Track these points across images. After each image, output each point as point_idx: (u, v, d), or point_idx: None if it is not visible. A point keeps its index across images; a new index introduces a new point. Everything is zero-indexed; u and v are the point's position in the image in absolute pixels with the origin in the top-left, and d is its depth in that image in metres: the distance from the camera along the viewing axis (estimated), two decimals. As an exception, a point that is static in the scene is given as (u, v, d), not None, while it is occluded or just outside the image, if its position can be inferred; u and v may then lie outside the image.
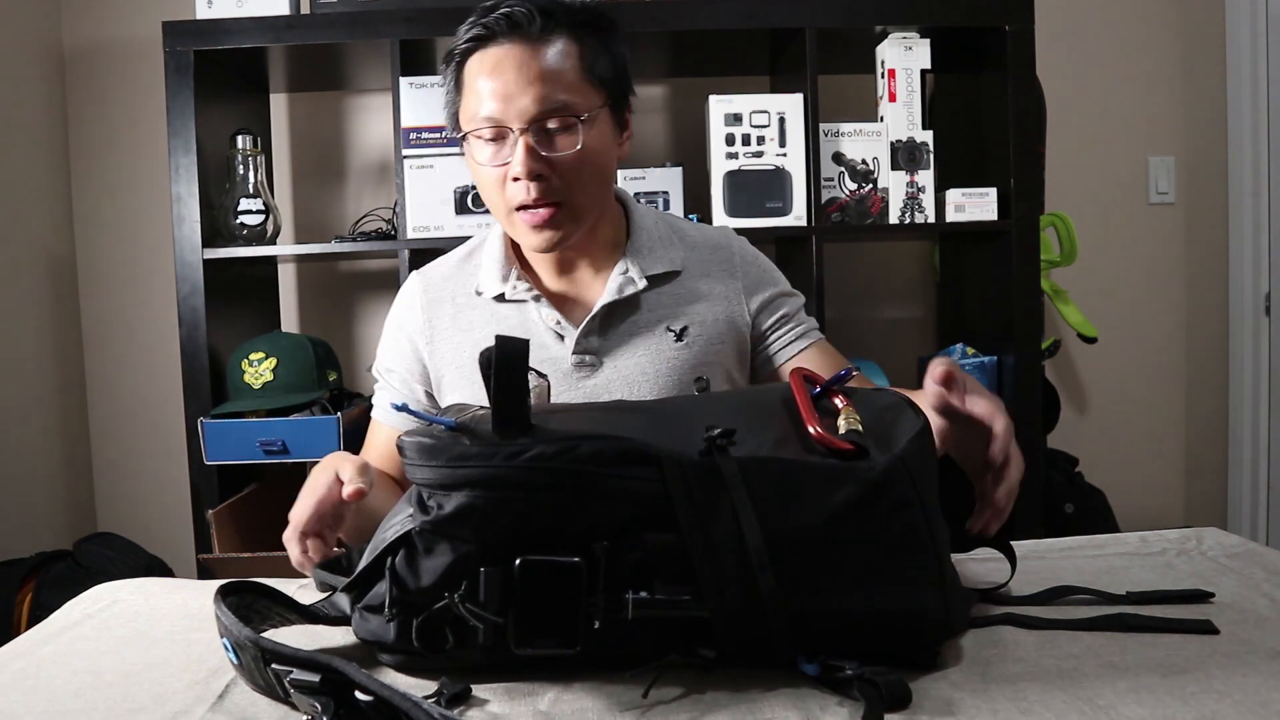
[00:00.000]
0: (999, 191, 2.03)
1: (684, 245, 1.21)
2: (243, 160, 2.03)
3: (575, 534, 0.65)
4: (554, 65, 1.05)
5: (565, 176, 1.06)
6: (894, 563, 0.67)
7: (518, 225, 1.09)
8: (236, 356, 1.94)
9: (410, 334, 1.20)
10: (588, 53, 1.07)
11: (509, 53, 1.04)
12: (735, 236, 1.26)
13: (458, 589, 0.65)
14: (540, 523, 0.64)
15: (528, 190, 1.05)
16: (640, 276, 1.15)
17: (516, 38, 1.04)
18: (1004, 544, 0.84)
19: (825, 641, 0.66)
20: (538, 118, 1.04)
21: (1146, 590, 0.81)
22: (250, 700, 0.68)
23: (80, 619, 0.88)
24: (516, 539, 0.64)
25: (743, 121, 2.01)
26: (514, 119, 1.04)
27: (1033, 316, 2.03)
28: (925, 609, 0.67)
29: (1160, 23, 2.56)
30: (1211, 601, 0.79)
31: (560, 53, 1.05)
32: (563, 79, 1.05)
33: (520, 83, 1.03)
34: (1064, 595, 0.81)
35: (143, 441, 2.47)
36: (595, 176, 1.09)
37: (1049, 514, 2.20)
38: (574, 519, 0.65)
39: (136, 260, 2.45)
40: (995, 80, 2.06)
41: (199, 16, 1.99)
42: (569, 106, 1.05)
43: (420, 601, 0.67)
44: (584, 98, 1.06)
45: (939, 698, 0.63)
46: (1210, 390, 2.60)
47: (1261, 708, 0.60)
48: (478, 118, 1.06)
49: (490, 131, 1.06)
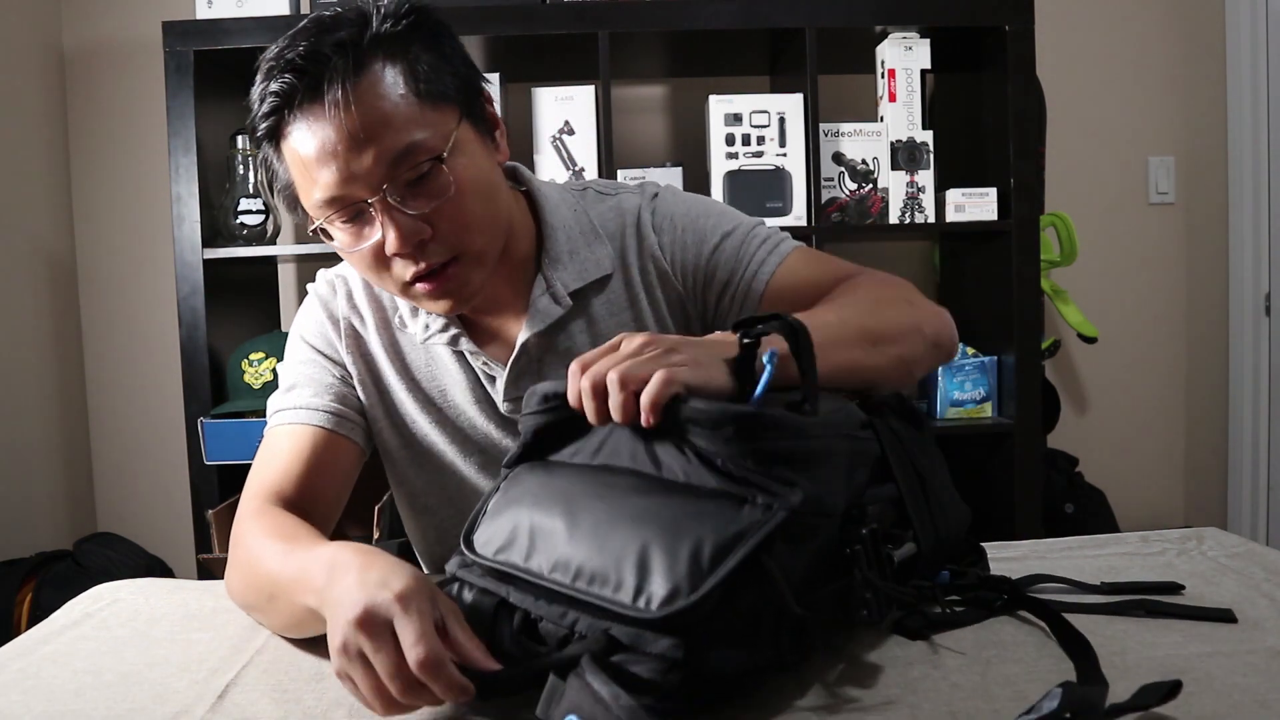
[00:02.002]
0: (999, 191, 2.03)
1: (606, 236, 1.01)
2: (243, 160, 2.03)
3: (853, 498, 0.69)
4: (382, 107, 0.83)
5: (450, 226, 0.86)
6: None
7: (416, 297, 0.91)
8: (236, 356, 1.95)
9: (332, 340, 1.03)
10: (415, 69, 0.85)
11: (320, 114, 0.82)
12: (640, 201, 1.03)
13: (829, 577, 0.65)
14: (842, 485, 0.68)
15: (415, 262, 0.86)
16: (563, 294, 0.97)
17: (321, 92, 0.82)
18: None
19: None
20: (388, 176, 0.83)
21: (1128, 582, 0.82)
22: (250, 700, 0.68)
23: (80, 618, 0.88)
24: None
25: (743, 121, 2.01)
26: (362, 190, 0.83)
27: (1033, 316, 2.04)
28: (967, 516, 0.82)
29: (1160, 23, 2.56)
30: (1183, 593, 0.81)
31: (384, 87, 0.83)
32: (399, 117, 0.83)
33: (350, 145, 0.82)
34: (1038, 584, 0.82)
35: (143, 441, 2.47)
36: (483, 209, 0.89)
37: (1049, 514, 2.20)
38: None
39: (136, 260, 2.45)
40: (995, 80, 2.06)
41: (199, 16, 1.99)
42: (420, 147, 0.84)
43: (784, 604, 0.60)
44: (433, 127, 0.85)
45: (939, 697, 0.63)
46: (1210, 390, 2.60)
47: (1261, 708, 0.59)
48: (319, 203, 0.85)
49: (342, 214, 0.85)
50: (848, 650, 0.70)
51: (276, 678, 0.72)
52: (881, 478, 0.74)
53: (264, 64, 0.84)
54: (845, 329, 0.82)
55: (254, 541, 0.86)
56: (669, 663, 0.57)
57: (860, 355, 0.82)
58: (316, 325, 1.03)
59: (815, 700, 0.63)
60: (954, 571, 0.80)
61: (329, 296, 1.04)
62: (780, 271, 0.97)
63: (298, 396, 0.99)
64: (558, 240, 0.98)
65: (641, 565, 0.59)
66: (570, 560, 0.62)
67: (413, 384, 1.01)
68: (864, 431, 0.74)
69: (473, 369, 1.00)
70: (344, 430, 0.99)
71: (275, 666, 0.74)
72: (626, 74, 2.32)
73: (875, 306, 0.89)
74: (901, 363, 0.86)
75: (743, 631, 0.59)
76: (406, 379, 1.01)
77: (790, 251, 0.99)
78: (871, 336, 0.84)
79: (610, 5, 1.99)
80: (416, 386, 1.02)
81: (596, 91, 2.01)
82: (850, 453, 0.70)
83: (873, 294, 0.92)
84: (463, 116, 0.88)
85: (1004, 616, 0.77)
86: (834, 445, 0.68)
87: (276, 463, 0.95)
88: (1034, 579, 0.82)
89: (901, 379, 0.87)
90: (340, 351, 1.02)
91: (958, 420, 2.08)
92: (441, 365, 1.01)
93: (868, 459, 0.72)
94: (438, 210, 0.85)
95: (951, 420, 2.08)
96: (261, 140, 0.87)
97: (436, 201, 0.85)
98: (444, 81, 0.87)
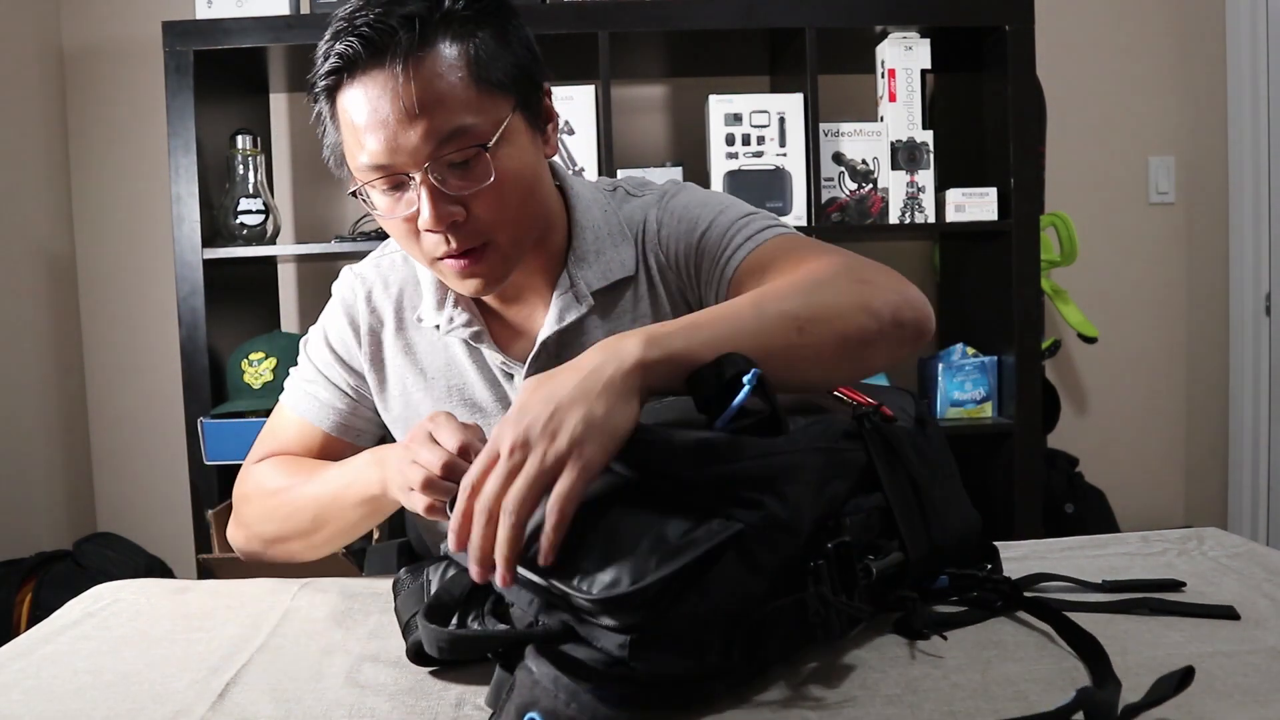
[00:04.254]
0: (999, 191, 2.03)
1: (631, 237, 1.02)
2: (243, 160, 2.03)
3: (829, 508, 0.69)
4: (439, 86, 0.84)
5: (485, 213, 0.88)
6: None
7: (444, 272, 0.93)
8: (236, 356, 1.95)
9: (352, 338, 1.06)
10: (479, 55, 0.86)
11: (379, 82, 0.83)
12: (657, 199, 1.03)
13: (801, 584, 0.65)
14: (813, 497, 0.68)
15: (446, 240, 0.88)
16: (586, 293, 0.98)
17: (384, 61, 0.83)
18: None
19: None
20: (434, 155, 0.84)
21: (1129, 580, 0.82)
22: (250, 700, 0.68)
23: (80, 618, 0.88)
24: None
25: (743, 121, 2.01)
26: (406, 163, 0.85)
27: (1033, 316, 2.04)
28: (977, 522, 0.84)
29: (1160, 23, 2.56)
30: (1183, 591, 0.81)
31: (444, 66, 0.84)
32: (454, 99, 0.84)
33: (402, 118, 0.83)
34: (1040, 582, 0.82)
35: (143, 441, 2.47)
36: (521, 201, 0.90)
37: (1049, 514, 2.20)
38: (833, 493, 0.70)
39: (136, 260, 2.45)
40: (995, 80, 2.06)
41: (199, 16, 1.99)
42: (469, 131, 0.85)
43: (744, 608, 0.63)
44: (486, 114, 0.86)
45: (939, 697, 0.63)
46: (1210, 390, 2.59)
47: (1262, 708, 0.59)
48: (364, 167, 0.87)
49: (383, 182, 0.87)
50: (847, 649, 0.70)
51: (276, 678, 0.72)
52: (869, 487, 0.73)
53: (333, 22, 0.86)
54: (763, 315, 0.75)
55: (273, 483, 1.01)
56: (613, 659, 0.59)
57: (787, 339, 0.74)
58: (339, 331, 1.07)
59: (815, 700, 0.63)
60: (954, 575, 0.80)
61: (351, 300, 1.07)
62: (750, 256, 0.93)
63: (315, 392, 1.07)
64: (585, 239, 0.99)
65: (603, 559, 0.59)
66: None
67: (431, 380, 1.04)
68: (846, 443, 0.73)
69: (489, 366, 1.02)
70: (348, 437, 1.07)
71: (275, 666, 0.74)
72: (626, 74, 2.32)
73: (812, 287, 0.80)
74: (845, 343, 0.77)
75: (688, 638, 0.60)
76: (424, 376, 1.04)
77: (771, 237, 0.94)
78: (799, 319, 0.75)
79: (610, 5, 1.99)
80: (435, 382, 1.04)
81: (596, 91, 2.01)
82: (824, 465, 0.69)
83: (815, 274, 0.83)
84: (517, 106, 0.89)
85: (1006, 616, 0.77)
86: (805, 460, 0.67)
87: (281, 438, 1.07)
88: (1036, 578, 0.83)
89: (852, 363, 0.79)
90: (361, 360, 1.06)
91: (958, 420, 2.08)
92: (458, 362, 1.03)
93: (849, 469, 0.71)
94: (475, 195, 0.87)
95: (951, 420, 2.08)
96: (319, 96, 0.89)
97: (475, 187, 0.86)
98: (503, 69, 0.87)
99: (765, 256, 0.92)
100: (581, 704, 0.57)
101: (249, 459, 1.09)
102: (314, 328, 1.10)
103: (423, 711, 0.65)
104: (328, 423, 1.06)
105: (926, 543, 0.75)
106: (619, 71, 2.07)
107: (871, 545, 0.71)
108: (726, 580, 0.60)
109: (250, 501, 1.04)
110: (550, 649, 0.60)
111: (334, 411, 1.07)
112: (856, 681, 0.65)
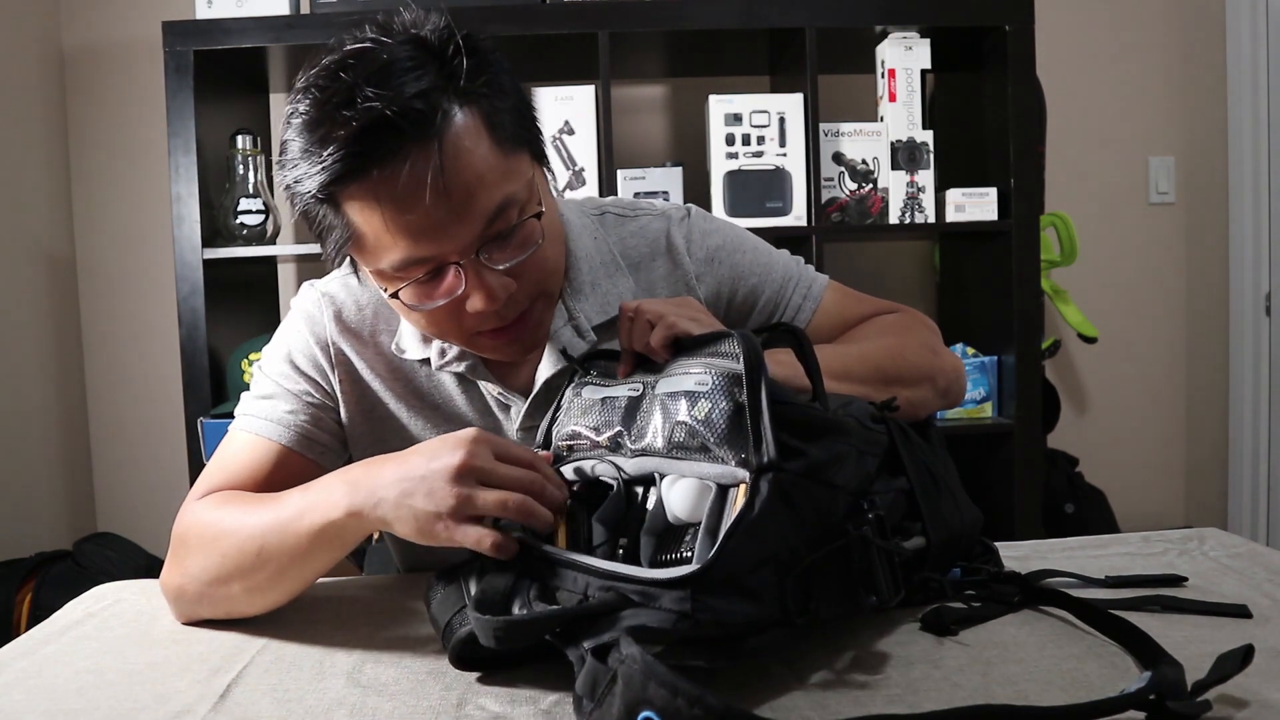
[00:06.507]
0: (999, 191, 2.03)
1: (629, 267, 0.97)
2: (243, 160, 2.03)
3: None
4: (472, 162, 0.76)
5: (534, 274, 0.83)
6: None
7: (483, 345, 0.86)
8: (236, 356, 1.95)
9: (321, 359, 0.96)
10: (490, 114, 0.78)
11: (404, 172, 0.73)
12: (668, 225, 0.99)
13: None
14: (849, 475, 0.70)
15: (499, 316, 0.82)
16: (587, 329, 0.93)
17: (403, 149, 0.73)
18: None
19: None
20: (483, 236, 0.78)
21: (1132, 575, 0.83)
22: (252, 699, 0.68)
23: (82, 618, 0.88)
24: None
25: (743, 121, 2.01)
26: (453, 252, 0.78)
27: (1033, 316, 2.04)
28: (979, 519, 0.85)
29: (1160, 23, 2.56)
30: (1185, 587, 0.82)
31: (469, 139, 0.76)
32: (489, 171, 0.77)
33: (444, 205, 0.75)
34: (1044, 579, 0.83)
35: (143, 441, 2.47)
36: (557, 249, 0.87)
37: (1049, 514, 2.21)
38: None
39: (136, 260, 2.45)
40: (995, 80, 2.06)
41: (199, 16, 1.99)
42: (511, 203, 0.78)
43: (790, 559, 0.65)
44: (517, 177, 0.79)
45: (940, 697, 0.63)
46: (1210, 390, 2.60)
47: (1263, 708, 0.60)
48: (398, 263, 0.78)
49: (423, 273, 0.79)
50: (849, 647, 0.71)
51: (278, 677, 0.72)
52: (893, 471, 0.76)
53: (308, 111, 0.75)
54: (864, 364, 0.89)
55: (215, 515, 0.84)
56: (677, 614, 0.59)
57: (870, 392, 0.85)
58: (304, 349, 0.96)
59: (815, 700, 0.63)
60: (965, 569, 0.81)
61: (317, 317, 0.97)
62: (818, 315, 1.01)
63: (271, 408, 0.93)
64: (580, 270, 0.94)
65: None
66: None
67: (418, 404, 0.96)
68: (875, 424, 0.77)
69: (481, 395, 0.96)
70: (311, 453, 0.93)
71: (276, 666, 0.74)
72: (626, 74, 2.32)
73: (898, 348, 0.94)
74: (909, 405, 0.88)
75: (744, 584, 0.62)
76: (411, 400, 0.96)
77: (823, 292, 1.02)
78: (886, 376, 0.89)
79: (610, 5, 1.99)
80: (424, 406, 0.96)
81: (596, 91, 2.01)
82: (861, 434, 0.73)
83: (899, 336, 0.97)
84: (533, 157, 0.83)
85: (1020, 612, 0.77)
86: (844, 422, 0.72)
87: (232, 467, 0.91)
88: (1040, 574, 0.83)
89: (904, 419, 0.86)
90: (331, 380, 0.95)
91: (958, 420, 2.08)
92: (444, 388, 0.96)
93: (877, 448, 0.75)
94: (524, 261, 0.81)
95: (951, 420, 2.08)
96: (318, 200, 0.78)
97: (523, 255, 0.81)
98: (511, 121, 0.80)
99: (833, 312, 1.02)
100: (689, 698, 0.51)
101: (190, 496, 0.91)
102: (269, 348, 0.98)
103: (425, 711, 0.65)
104: (287, 436, 0.91)
105: (945, 529, 0.78)
106: (619, 71, 2.07)
107: (898, 527, 0.74)
108: (776, 523, 0.63)
109: (187, 541, 0.85)
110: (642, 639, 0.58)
111: (293, 424, 0.92)
112: (857, 682, 0.65)
